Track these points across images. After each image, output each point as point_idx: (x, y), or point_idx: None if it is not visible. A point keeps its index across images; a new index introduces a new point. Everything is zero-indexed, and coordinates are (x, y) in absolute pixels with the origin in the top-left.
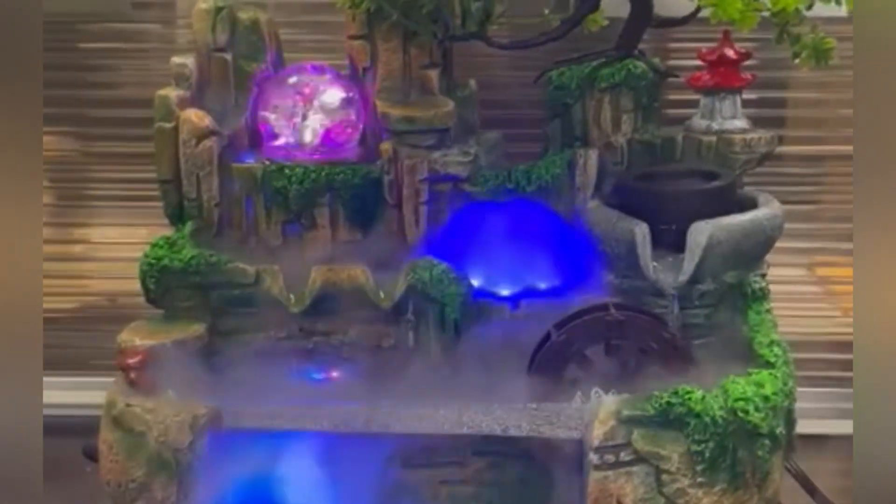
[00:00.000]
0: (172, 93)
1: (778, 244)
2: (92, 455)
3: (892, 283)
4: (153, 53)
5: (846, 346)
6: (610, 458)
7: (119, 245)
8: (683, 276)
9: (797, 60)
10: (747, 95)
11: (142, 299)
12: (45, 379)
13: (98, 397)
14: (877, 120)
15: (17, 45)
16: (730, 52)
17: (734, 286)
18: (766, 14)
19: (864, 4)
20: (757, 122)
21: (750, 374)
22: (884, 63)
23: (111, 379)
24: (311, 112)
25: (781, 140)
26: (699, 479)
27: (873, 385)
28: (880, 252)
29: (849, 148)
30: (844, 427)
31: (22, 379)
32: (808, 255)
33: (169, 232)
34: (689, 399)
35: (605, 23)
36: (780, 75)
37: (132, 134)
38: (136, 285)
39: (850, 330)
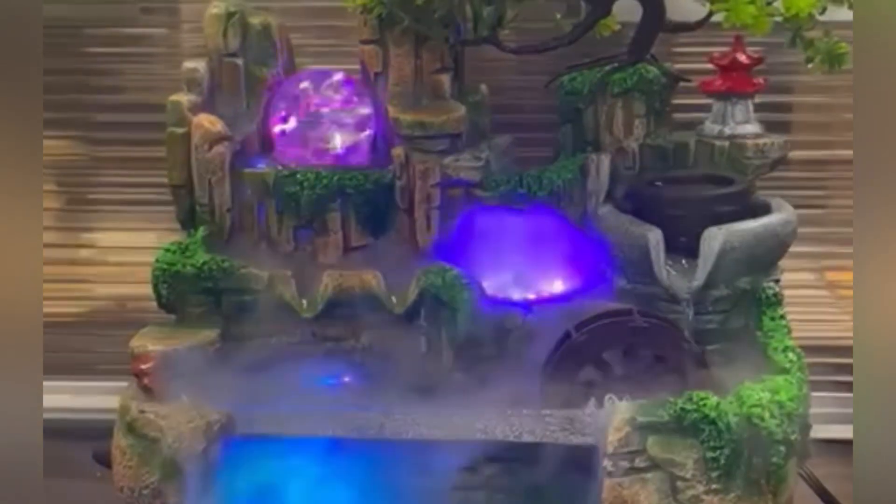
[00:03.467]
0: (184, 98)
1: None
2: (102, 460)
3: (892, 285)
4: (160, 58)
5: None
6: (624, 464)
7: (126, 249)
8: (697, 282)
9: (810, 65)
10: (756, 100)
11: (149, 304)
12: (53, 383)
13: (106, 401)
14: (877, 123)
15: (17, 50)
16: (742, 57)
17: (748, 292)
18: (779, 19)
19: (864, 6)
20: (764, 127)
21: (764, 381)
22: (884, 65)
23: (118, 383)
24: (323, 117)
25: (790, 145)
26: (714, 486)
27: (873, 388)
28: (881, 255)
29: None
30: None
31: (22, 383)
32: (816, 259)
33: (176, 236)
34: (704, 405)
35: (617, 27)
36: (786, 79)
37: (139, 138)
38: (144, 290)
39: None
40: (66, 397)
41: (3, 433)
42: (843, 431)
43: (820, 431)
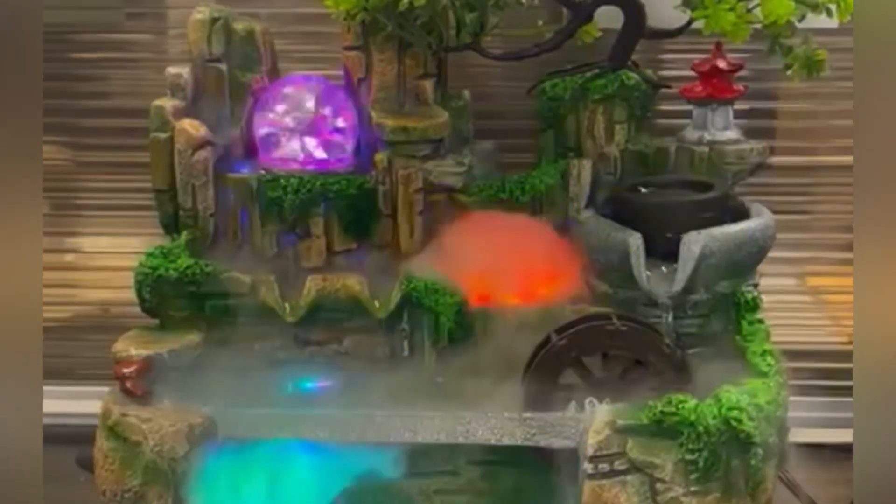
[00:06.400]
0: (168, 103)
1: (770, 254)
2: (85, 465)
3: (892, 291)
4: (145, 63)
5: (838, 355)
6: (604, 467)
7: (111, 255)
8: (676, 287)
9: (789, 72)
10: (738, 106)
11: (134, 309)
12: None
13: (90, 406)
14: (877, 128)
15: (17, 58)
16: (722, 64)
17: (727, 296)
18: (759, 26)
19: (865, 12)
20: (748, 133)
21: (743, 384)
22: (884, 69)
23: (103, 388)
24: (307, 123)
25: (773, 150)
26: (693, 488)
27: (873, 394)
28: (880, 261)
29: (839, 158)
30: (838, 436)
31: (22, 390)
32: (799, 264)
33: (161, 241)
34: (683, 408)
35: (599, 34)
36: (771, 86)
37: (124, 143)
38: (128, 295)
39: (842, 339)
40: (50, 402)
41: (3, 438)
42: (826, 436)
43: (802, 436)
